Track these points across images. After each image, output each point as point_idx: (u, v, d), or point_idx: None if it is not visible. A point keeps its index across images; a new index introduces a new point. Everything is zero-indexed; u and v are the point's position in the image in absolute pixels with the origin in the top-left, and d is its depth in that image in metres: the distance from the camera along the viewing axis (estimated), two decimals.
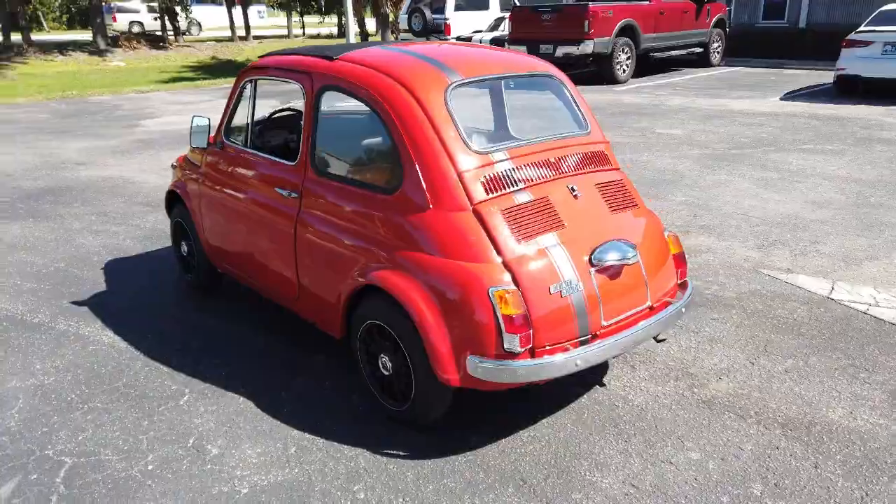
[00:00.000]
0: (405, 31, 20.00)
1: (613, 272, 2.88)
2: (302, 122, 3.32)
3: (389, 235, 2.91)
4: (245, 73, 3.80)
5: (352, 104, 3.25)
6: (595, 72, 15.17)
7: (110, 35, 27.89)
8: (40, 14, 45.64)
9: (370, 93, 3.00)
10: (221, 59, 25.36)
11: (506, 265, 2.69)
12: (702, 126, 9.86)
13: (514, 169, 2.91)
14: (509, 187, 2.87)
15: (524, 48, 14.72)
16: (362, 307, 3.03)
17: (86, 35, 30.85)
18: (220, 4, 36.88)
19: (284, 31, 36.51)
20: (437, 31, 18.57)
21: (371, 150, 3.20)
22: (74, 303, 4.44)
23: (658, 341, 3.41)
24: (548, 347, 2.70)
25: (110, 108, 13.50)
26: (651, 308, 3.04)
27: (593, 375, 3.42)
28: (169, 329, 4.06)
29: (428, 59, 3.11)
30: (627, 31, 14.68)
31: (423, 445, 2.93)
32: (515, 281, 2.67)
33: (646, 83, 14.75)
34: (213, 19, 38.25)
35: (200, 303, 4.44)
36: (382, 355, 3.00)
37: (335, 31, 36.81)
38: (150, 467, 2.82)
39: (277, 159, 3.52)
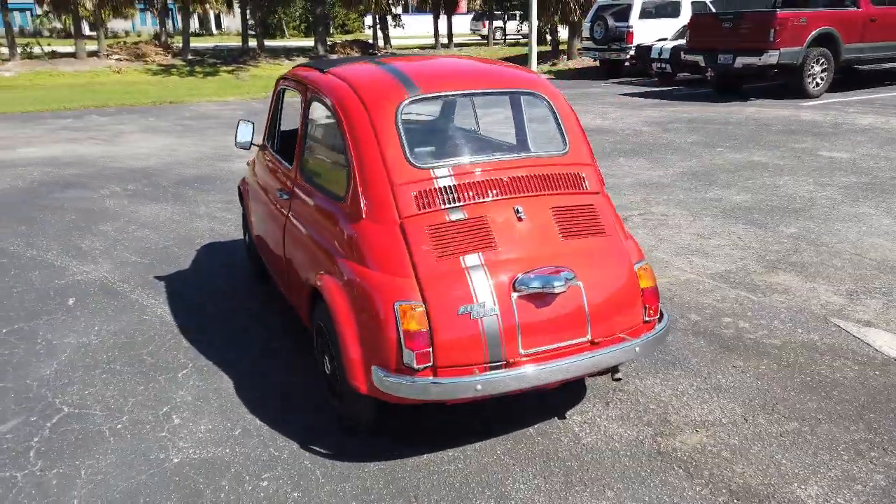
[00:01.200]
0: (587, 38, 19.67)
1: (540, 300, 2.75)
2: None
3: (336, 242, 3.03)
4: (277, 83, 4.14)
5: None
6: (783, 84, 13.84)
7: (329, 43, 30.62)
8: (283, 22, 51.37)
9: (333, 104, 3.15)
10: None
11: (418, 281, 2.69)
12: (877, 151, 8.63)
13: (454, 187, 2.88)
14: (444, 204, 2.85)
15: (700, 58, 13.86)
16: (316, 307, 3.20)
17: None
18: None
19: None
20: (618, 39, 18.05)
21: (334, 158, 3.34)
22: (157, 277, 5.10)
23: (614, 379, 3.17)
24: (453, 368, 2.66)
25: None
26: (593, 343, 2.85)
27: (557, 403, 3.26)
28: (218, 310, 4.52)
29: (396, 74, 3.18)
30: (824, 41, 13.18)
31: (352, 447, 3.01)
32: (424, 298, 2.66)
33: (840, 98, 13.15)
34: (422, 27, 40.47)
35: (258, 290, 4.86)
36: (325, 354, 3.14)
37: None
38: (118, 426, 3.22)
39: (284, 163, 3.80)
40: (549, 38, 26.89)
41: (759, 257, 5.14)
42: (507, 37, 39.18)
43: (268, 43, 34.39)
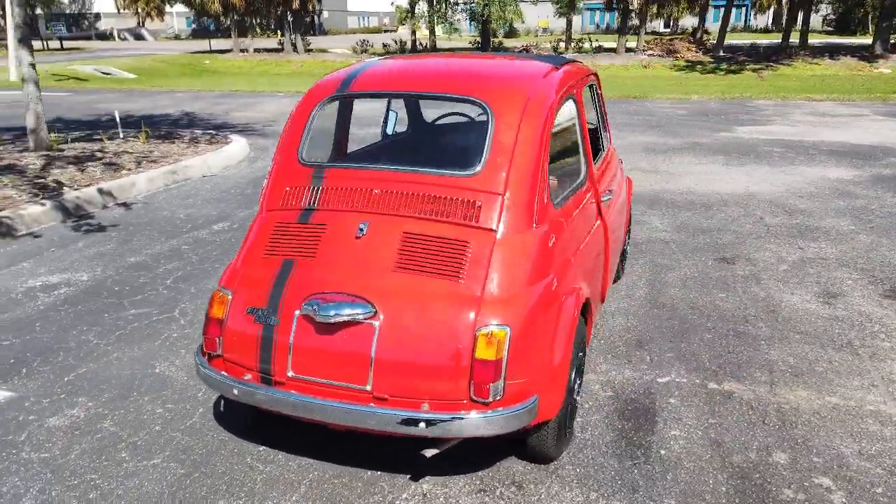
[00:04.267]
0: None
1: (323, 327, 2.47)
2: None
3: None
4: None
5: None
6: None
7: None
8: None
9: None
10: None
11: (238, 270, 2.75)
12: None
13: (320, 189, 2.76)
14: (304, 205, 2.77)
15: None
16: None
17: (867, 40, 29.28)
18: None
19: None
20: None
21: None
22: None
23: (426, 456, 2.51)
24: (232, 364, 2.66)
25: (748, 111, 13.56)
26: (377, 397, 2.41)
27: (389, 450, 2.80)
28: None
29: (354, 71, 3.08)
30: None
31: (233, 440, 3.03)
32: (233, 288, 2.71)
33: None
34: None
35: None
36: None
37: None
38: (92, 364, 3.89)
39: None
40: None
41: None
42: None
43: (826, 41, 30.95)
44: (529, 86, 2.83)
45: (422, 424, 2.34)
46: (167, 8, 55.78)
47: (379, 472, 2.78)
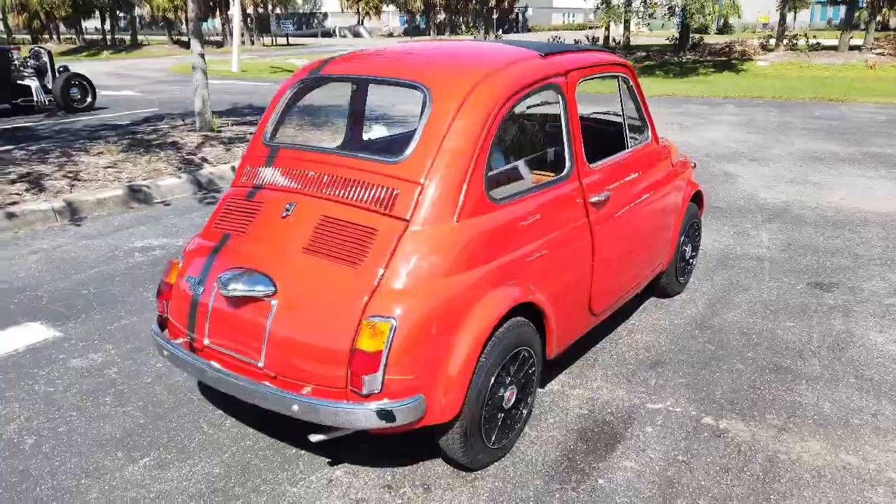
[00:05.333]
0: None
1: (230, 300, 2.56)
2: None
3: None
4: None
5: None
6: None
7: None
8: None
9: None
10: None
11: (193, 242, 2.93)
12: None
13: (270, 168, 2.84)
14: (253, 183, 2.87)
15: None
16: None
17: None
18: None
19: None
20: None
21: None
22: None
23: (312, 441, 2.46)
24: (176, 329, 2.83)
25: None
26: (269, 375, 2.46)
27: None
28: None
29: (331, 56, 3.12)
30: None
31: (201, 400, 3.24)
32: (183, 256, 2.89)
33: None
34: None
35: None
36: None
37: None
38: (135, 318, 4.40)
39: None
40: None
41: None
42: None
43: None
44: (481, 76, 2.68)
45: (295, 407, 2.34)
46: (384, 7, 59.53)
47: (303, 452, 2.82)
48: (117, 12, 47.69)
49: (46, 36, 49.61)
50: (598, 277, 3.17)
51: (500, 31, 53.22)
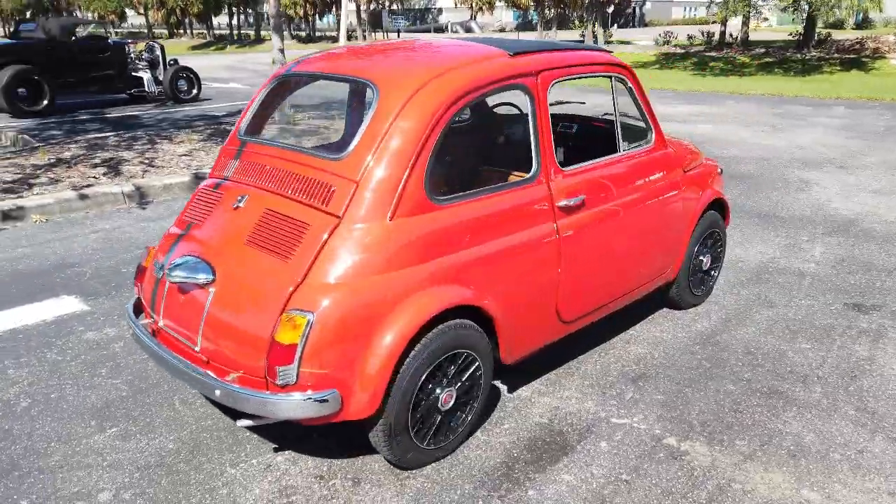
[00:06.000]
0: None
1: (178, 284, 2.69)
2: None
3: None
4: None
5: None
6: None
7: None
8: None
9: None
10: None
11: (169, 229, 3.10)
12: None
13: (236, 161, 2.96)
14: (222, 174, 3.00)
15: None
16: None
17: None
18: None
19: None
20: None
21: None
22: None
23: (239, 426, 2.54)
24: (146, 309, 3.00)
25: None
26: (204, 360, 2.58)
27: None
28: None
29: (310, 53, 3.19)
30: None
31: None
32: (158, 244, 3.07)
33: None
34: None
35: None
36: None
37: None
38: None
39: None
40: None
41: None
42: None
43: None
44: (431, 75, 2.67)
45: (217, 392, 2.45)
46: (496, 2, 59.43)
47: (256, 437, 2.93)
48: (244, 9, 50.46)
49: (181, 31, 53.34)
50: (568, 284, 3.07)
51: (615, 25, 51.78)
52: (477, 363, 2.77)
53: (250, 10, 51.01)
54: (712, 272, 4.25)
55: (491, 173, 3.59)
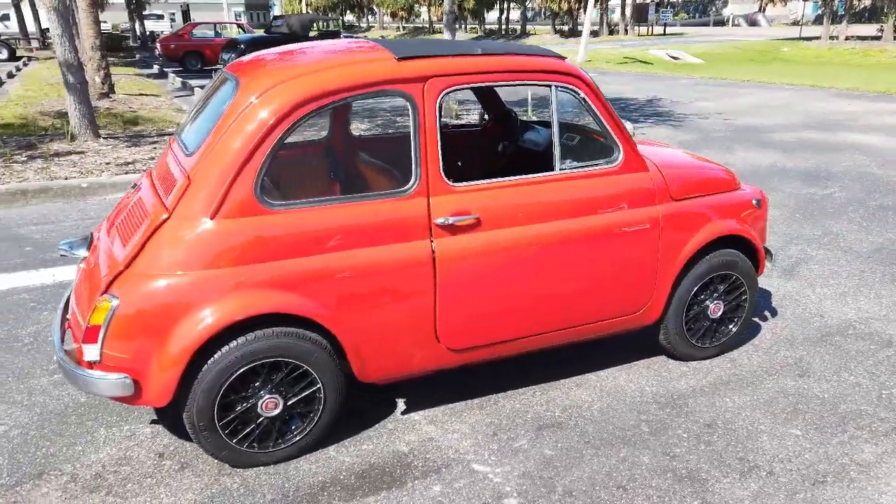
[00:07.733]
0: None
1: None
2: None
3: None
4: None
5: None
6: None
7: None
8: None
9: None
10: None
11: None
12: None
13: (162, 156, 3.20)
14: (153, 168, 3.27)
15: None
16: None
17: None
18: None
19: None
20: None
21: None
22: None
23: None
24: None
25: None
26: (72, 332, 2.87)
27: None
28: None
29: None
30: None
31: None
32: None
33: None
34: None
35: None
36: None
37: None
38: None
39: None
40: None
41: None
42: None
43: None
44: (286, 76, 2.62)
45: (55, 357, 2.71)
46: None
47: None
48: (512, 4, 52.04)
49: (457, 26, 56.77)
50: (452, 309, 2.82)
51: None
52: (312, 376, 2.69)
53: (518, 6, 52.42)
54: (731, 326, 3.53)
55: (364, 182, 3.41)
